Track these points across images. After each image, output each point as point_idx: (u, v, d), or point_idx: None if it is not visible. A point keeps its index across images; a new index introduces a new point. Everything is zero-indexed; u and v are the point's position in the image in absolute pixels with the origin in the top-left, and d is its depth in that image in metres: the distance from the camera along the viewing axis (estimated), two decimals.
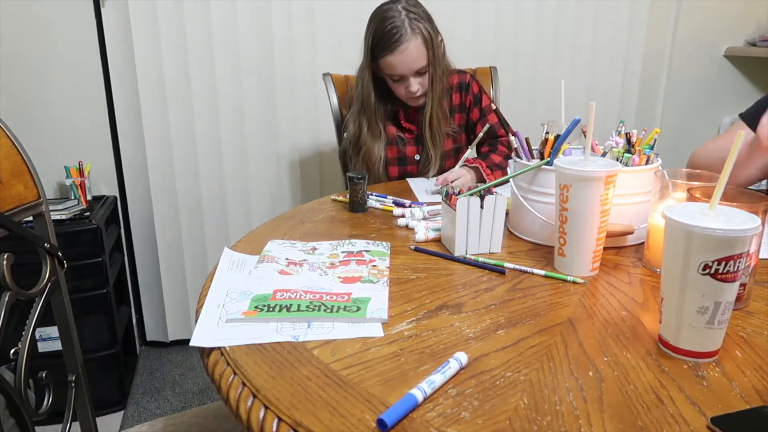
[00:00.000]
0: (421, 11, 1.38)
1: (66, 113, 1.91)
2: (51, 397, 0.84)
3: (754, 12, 2.43)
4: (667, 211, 0.61)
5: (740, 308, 0.74)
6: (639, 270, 0.88)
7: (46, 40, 1.84)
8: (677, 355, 0.63)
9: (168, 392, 1.95)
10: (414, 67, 1.36)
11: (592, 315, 0.73)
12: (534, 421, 0.52)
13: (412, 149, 1.50)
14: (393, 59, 1.35)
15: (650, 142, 0.97)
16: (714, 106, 2.54)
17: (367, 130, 1.44)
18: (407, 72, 1.37)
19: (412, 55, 1.35)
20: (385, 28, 1.34)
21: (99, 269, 1.77)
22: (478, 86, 1.52)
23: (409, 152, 1.50)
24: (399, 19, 1.33)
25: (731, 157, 0.60)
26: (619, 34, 2.29)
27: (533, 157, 1.02)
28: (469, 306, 0.75)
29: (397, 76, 1.38)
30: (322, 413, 0.54)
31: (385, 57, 1.35)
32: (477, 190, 0.93)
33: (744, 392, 0.57)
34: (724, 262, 0.58)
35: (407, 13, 1.34)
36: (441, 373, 0.58)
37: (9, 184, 0.80)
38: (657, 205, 0.84)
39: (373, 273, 0.84)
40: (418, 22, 1.34)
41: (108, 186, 2.02)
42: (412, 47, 1.34)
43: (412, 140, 1.50)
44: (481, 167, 1.35)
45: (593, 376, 0.59)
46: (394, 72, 1.37)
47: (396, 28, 1.33)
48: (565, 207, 0.83)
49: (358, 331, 0.68)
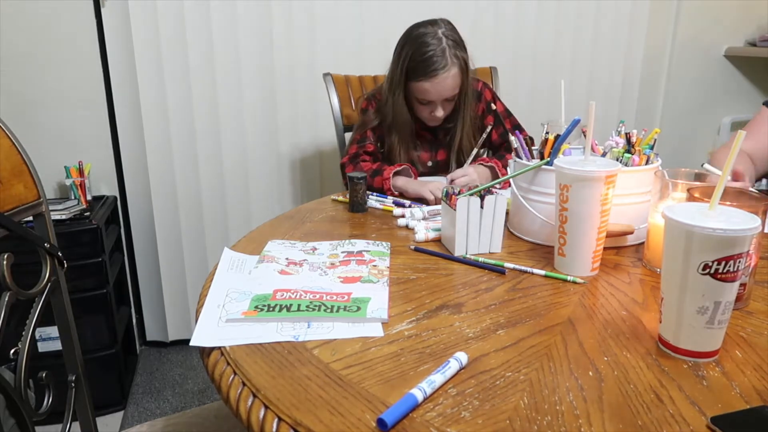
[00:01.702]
0: (458, 38, 1.36)
1: (66, 113, 1.91)
2: (51, 397, 0.84)
3: (754, 12, 2.43)
4: (667, 211, 0.61)
5: (740, 308, 0.74)
6: (639, 270, 0.88)
7: (46, 40, 1.84)
8: (677, 355, 0.63)
9: (168, 392, 1.95)
10: (446, 95, 1.36)
11: (592, 315, 0.73)
12: (534, 420, 0.52)
13: (426, 155, 1.50)
14: (429, 86, 1.33)
15: (650, 142, 0.97)
16: (714, 106, 2.54)
17: (401, 148, 1.44)
18: (438, 99, 1.36)
19: (448, 84, 1.34)
20: (425, 53, 1.31)
21: (99, 269, 1.76)
22: (491, 93, 1.52)
23: (422, 158, 1.50)
24: (440, 47, 1.31)
25: (731, 156, 0.60)
26: (619, 34, 2.29)
27: (533, 157, 1.02)
28: (469, 306, 0.75)
29: (425, 100, 1.38)
30: (322, 413, 0.54)
31: (420, 82, 1.34)
32: (477, 190, 0.93)
33: (744, 392, 0.57)
34: (724, 261, 0.58)
35: (446, 40, 1.32)
36: (441, 373, 0.58)
37: (9, 184, 0.80)
38: (657, 205, 0.84)
39: (373, 273, 0.84)
40: (456, 50, 1.33)
41: (108, 186, 2.02)
42: (450, 77, 1.33)
43: (427, 146, 1.50)
44: (497, 167, 1.35)
45: (593, 376, 0.59)
46: (425, 97, 1.37)
47: (437, 57, 1.31)
48: (565, 207, 0.83)
49: (358, 330, 0.68)
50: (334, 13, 1.99)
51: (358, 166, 1.38)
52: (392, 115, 1.41)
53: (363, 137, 1.45)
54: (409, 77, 1.36)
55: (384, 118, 1.43)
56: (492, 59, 2.08)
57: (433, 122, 1.44)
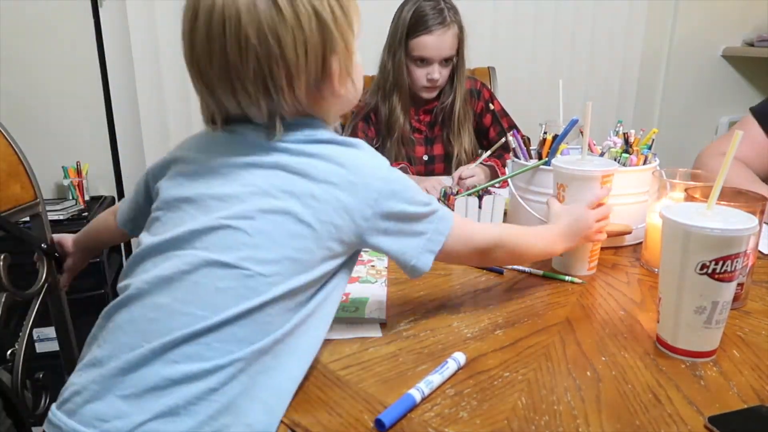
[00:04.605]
0: (454, 6, 1.42)
1: (64, 113, 1.91)
2: (48, 398, 0.83)
3: (751, 12, 2.43)
4: (665, 211, 0.61)
5: (738, 308, 0.74)
6: (637, 270, 0.88)
7: (44, 40, 1.84)
8: (675, 355, 0.63)
9: None
10: (444, 54, 1.39)
11: (590, 315, 0.73)
12: (532, 420, 0.52)
13: (421, 149, 1.51)
14: (429, 40, 1.37)
15: (648, 142, 0.97)
16: (711, 106, 2.54)
17: (401, 109, 1.44)
18: (436, 56, 1.39)
19: (447, 41, 1.38)
20: (425, 9, 1.37)
21: (97, 270, 1.76)
22: (489, 92, 1.55)
23: (417, 153, 1.50)
24: (438, 7, 1.38)
25: (728, 157, 0.60)
26: (617, 35, 2.30)
27: (531, 157, 1.02)
28: (467, 306, 0.75)
29: (424, 58, 1.39)
30: (320, 413, 0.53)
31: (421, 36, 1.37)
32: (475, 190, 0.93)
33: (741, 392, 0.57)
34: (722, 261, 0.58)
35: (444, 2, 1.39)
36: (439, 373, 0.58)
37: (5, 185, 0.80)
38: (655, 205, 0.84)
39: (372, 273, 0.84)
40: (454, 14, 1.39)
41: (106, 186, 2.02)
42: (450, 33, 1.37)
43: (422, 140, 1.51)
44: (497, 166, 1.35)
45: (591, 376, 0.59)
46: (424, 53, 1.39)
47: (438, 11, 1.37)
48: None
49: (356, 331, 0.68)
50: None
51: None
52: (393, 74, 1.43)
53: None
54: (409, 35, 1.39)
55: (384, 82, 1.45)
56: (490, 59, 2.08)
57: (426, 92, 1.45)
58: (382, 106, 1.45)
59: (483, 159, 1.38)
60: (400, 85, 1.43)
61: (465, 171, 1.29)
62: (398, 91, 1.44)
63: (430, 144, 1.51)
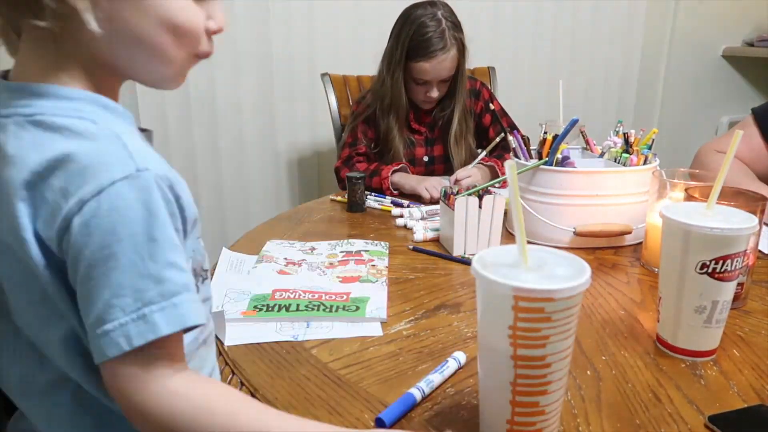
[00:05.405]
0: (456, 19, 1.39)
1: None
2: None
3: (751, 12, 2.43)
4: (665, 211, 0.61)
5: (738, 307, 0.74)
6: (637, 269, 0.88)
7: None
8: (675, 354, 0.63)
9: None
10: (442, 76, 1.38)
11: (590, 314, 0.73)
12: None
13: (421, 150, 1.51)
14: (428, 66, 1.35)
15: (648, 142, 0.97)
16: (712, 106, 2.54)
17: (397, 130, 1.44)
18: (435, 79, 1.38)
19: (447, 65, 1.36)
20: (425, 34, 1.34)
21: None
22: (489, 92, 1.55)
23: (417, 154, 1.51)
24: (439, 29, 1.34)
25: (728, 156, 0.60)
26: (617, 34, 2.30)
27: (531, 157, 1.02)
28: (467, 305, 0.75)
29: (422, 80, 1.39)
30: (321, 412, 0.54)
31: (419, 62, 1.36)
32: (475, 189, 0.93)
33: (741, 391, 0.57)
34: (722, 261, 0.58)
35: (446, 22, 1.36)
36: (439, 373, 0.58)
37: None
38: (655, 205, 0.84)
39: (372, 273, 0.84)
40: (455, 32, 1.36)
41: None
42: (449, 57, 1.36)
43: (422, 141, 1.51)
44: (497, 166, 1.35)
45: (591, 375, 0.59)
46: (423, 77, 1.38)
47: (437, 38, 1.34)
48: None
49: (356, 330, 0.68)
50: (333, 13, 1.99)
51: (353, 168, 1.38)
52: (390, 94, 1.42)
53: (354, 140, 1.46)
54: (408, 57, 1.38)
55: (382, 99, 1.44)
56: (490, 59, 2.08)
57: (425, 104, 1.45)
58: (381, 120, 1.46)
59: (481, 158, 1.38)
60: (398, 106, 1.42)
61: (461, 173, 1.30)
62: (395, 113, 1.43)
63: (430, 145, 1.51)
